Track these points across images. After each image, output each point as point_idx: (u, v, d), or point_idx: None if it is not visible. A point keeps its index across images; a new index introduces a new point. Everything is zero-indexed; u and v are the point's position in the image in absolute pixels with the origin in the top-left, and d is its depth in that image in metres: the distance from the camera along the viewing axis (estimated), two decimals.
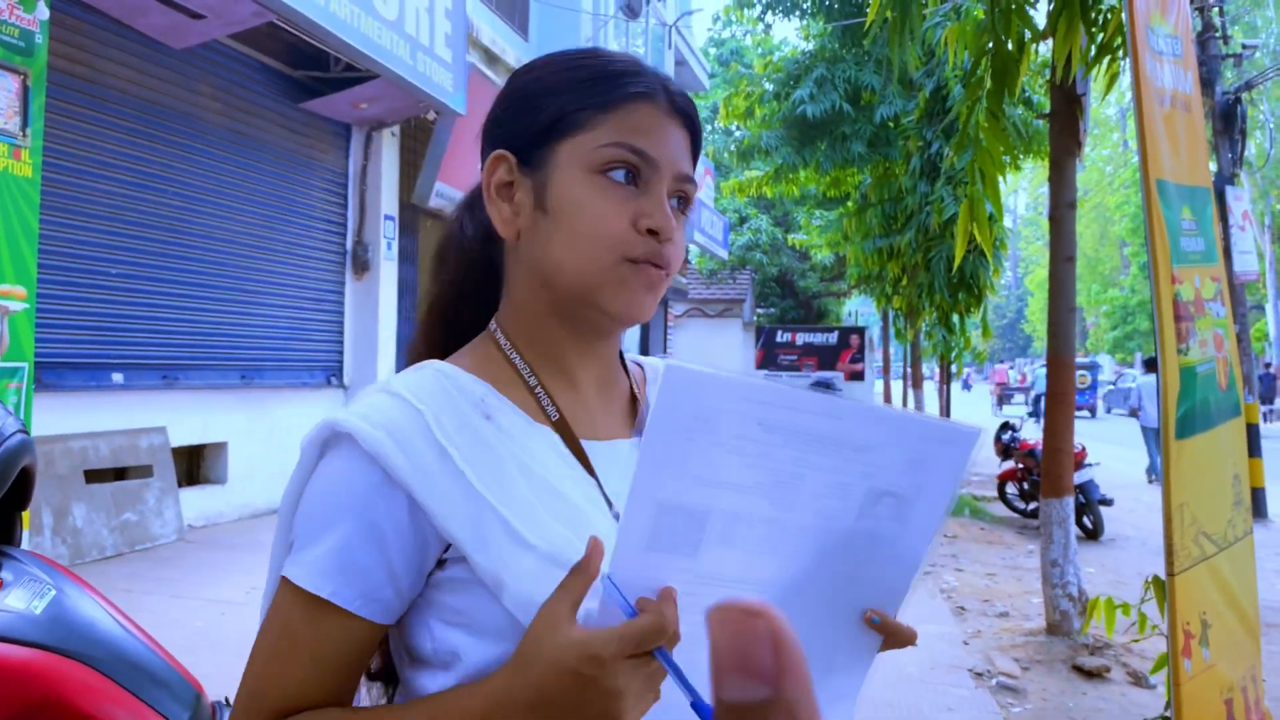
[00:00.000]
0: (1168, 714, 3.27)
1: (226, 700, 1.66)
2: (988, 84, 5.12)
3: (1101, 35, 4.66)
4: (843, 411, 0.76)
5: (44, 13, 5.18)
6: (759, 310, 29.21)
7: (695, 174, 0.95)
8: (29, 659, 1.43)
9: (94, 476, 6.33)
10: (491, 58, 10.81)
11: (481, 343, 0.97)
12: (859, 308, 38.18)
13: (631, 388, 1.05)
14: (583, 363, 0.97)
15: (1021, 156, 12.28)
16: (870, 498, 0.79)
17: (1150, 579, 3.39)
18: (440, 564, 0.83)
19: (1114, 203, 42.74)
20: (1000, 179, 5.37)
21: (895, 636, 0.87)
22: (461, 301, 1.02)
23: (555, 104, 0.90)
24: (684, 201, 0.94)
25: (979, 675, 4.84)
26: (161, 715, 1.53)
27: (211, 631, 4.79)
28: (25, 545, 1.71)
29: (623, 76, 0.91)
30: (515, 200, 0.93)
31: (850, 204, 15.44)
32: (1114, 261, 45.82)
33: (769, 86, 14.00)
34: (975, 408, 34.47)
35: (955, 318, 12.17)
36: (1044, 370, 18.20)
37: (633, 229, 0.88)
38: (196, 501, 7.44)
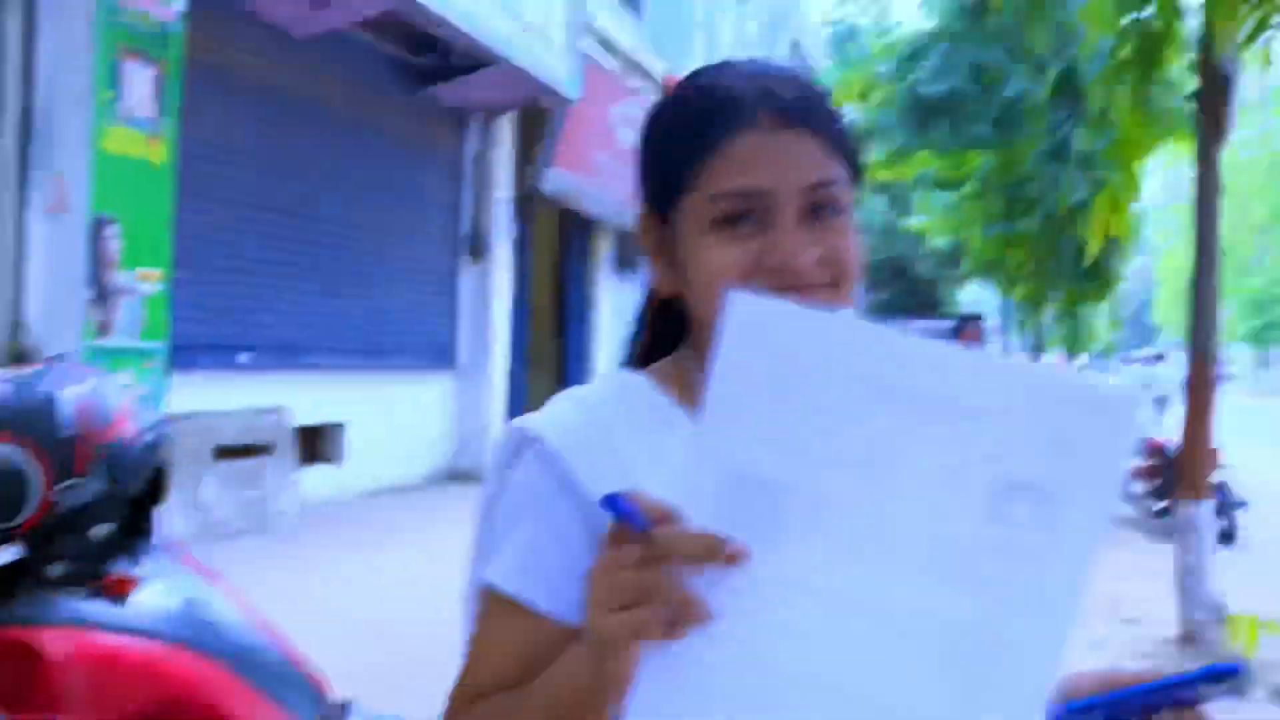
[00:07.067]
0: None
1: (346, 704, 1.65)
2: (1130, 65, 4.85)
3: (1259, 13, 4.36)
4: (956, 363, 0.61)
5: (181, 4, 5.34)
6: (868, 297, 28.62)
7: (835, 168, 0.88)
8: (163, 654, 1.44)
9: (220, 454, 6.56)
10: (607, 43, 10.78)
11: (673, 360, 0.97)
12: (975, 295, 37.16)
13: None
14: None
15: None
16: (1001, 490, 0.60)
17: None
18: None
19: (1251, 188, 40.34)
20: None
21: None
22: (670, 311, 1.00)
23: (667, 161, 0.90)
24: (825, 207, 0.87)
25: None
26: (287, 713, 1.53)
27: (332, 609, 4.90)
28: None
29: (717, 113, 0.87)
30: (661, 260, 0.94)
31: (969, 188, 14.89)
32: (1249, 249, 43.35)
33: (882, 69, 13.63)
34: None
35: (1081, 307, 11.70)
36: (1161, 366, 17.49)
37: (754, 273, 0.85)
38: (315, 480, 7.64)
